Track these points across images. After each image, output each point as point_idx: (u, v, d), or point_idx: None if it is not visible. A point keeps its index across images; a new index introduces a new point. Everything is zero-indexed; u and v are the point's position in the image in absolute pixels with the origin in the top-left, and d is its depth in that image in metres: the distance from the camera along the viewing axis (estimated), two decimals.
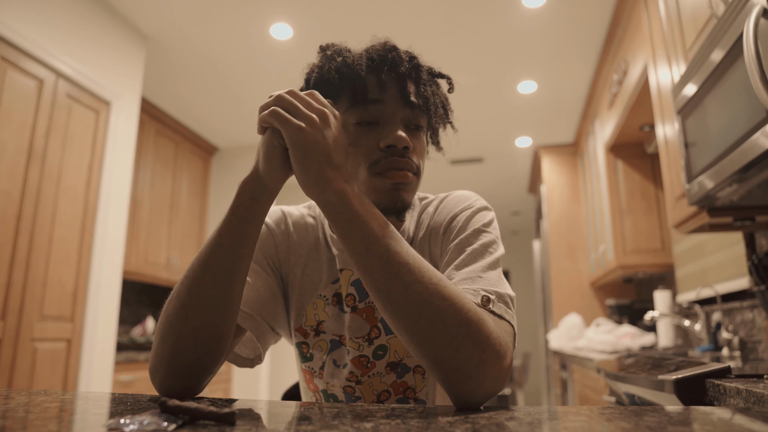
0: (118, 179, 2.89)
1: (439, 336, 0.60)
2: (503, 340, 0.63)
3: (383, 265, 0.62)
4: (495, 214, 0.84)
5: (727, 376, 1.02)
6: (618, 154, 3.43)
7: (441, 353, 0.60)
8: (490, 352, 0.60)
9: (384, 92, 0.78)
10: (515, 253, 8.78)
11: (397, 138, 0.75)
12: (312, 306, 0.87)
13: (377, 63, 0.78)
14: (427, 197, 0.91)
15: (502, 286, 0.71)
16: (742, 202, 1.55)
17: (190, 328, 0.66)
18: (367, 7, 2.85)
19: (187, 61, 3.37)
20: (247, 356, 0.85)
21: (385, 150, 0.76)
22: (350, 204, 0.64)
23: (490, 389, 0.61)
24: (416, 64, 0.81)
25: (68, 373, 2.52)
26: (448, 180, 5.75)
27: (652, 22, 2.20)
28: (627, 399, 1.61)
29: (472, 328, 0.60)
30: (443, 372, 0.60)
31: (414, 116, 0.80)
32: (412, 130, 0.80)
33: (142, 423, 0.46)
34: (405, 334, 0.62)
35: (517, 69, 3.52)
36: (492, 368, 0.60)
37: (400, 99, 0.78)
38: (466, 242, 0.77)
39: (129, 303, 3.93)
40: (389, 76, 0.78)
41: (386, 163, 0.76)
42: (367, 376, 0.84)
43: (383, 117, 0.78)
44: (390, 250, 0.62)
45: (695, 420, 0.51)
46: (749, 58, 1.10)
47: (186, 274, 0.69)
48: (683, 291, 2.71)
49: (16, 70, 2.33)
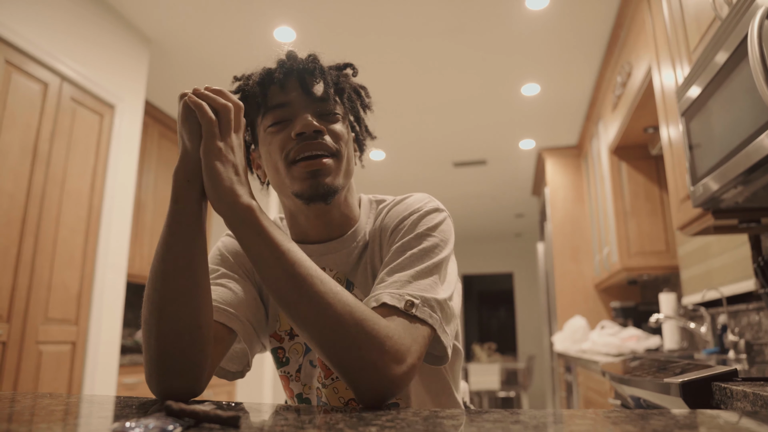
0: (122, 182, 2.90)
1: (341, 341, 0.64)
2: (402, 342, 0.66)
3: (287, 278, 0.66)
4: (447, 215, 0.84)
5: (734, 379, 1.02)
6: (622, 156, 3.42)
7: (345, 356, 0.64)
8: (387, 355, 0.64)
9: (287, 92, 0.81)
10: (519, 256, 8.77)
11: (305, 124, 0.78)
12: None
13: (275, 69, 0.82)
14: (386, 199, 0.93)
15: (432, 291, 0.73)
16: (747, 204, 1.54)
17: (168, 325, 0.67)
18: (370, 9, 2.86)
19: (191, 64, 3.38)
20: (235, 370, 0.86)
21: (296, 138, 0.79)
22: (258, 219, 0.68)
23: (386, 387, 0.64)
24: (314, 59, 0.84)
25: (73, 375, 2.53)
26: (451, 182, 5.75)
27: (655, 24, 2.20)
28: (632, 402, 1.60)
29: (367, 332, 0.64)
30: (346, 373, 0.65)
31: (325, 106, 0.82)
32: (327, 118, 0.82)
33: (148, 426, 0.46)
34: (311, 339, 0.66)
35: (521, 71, 3.52)
36: (388, 370, 0.63)
37: (305, 94, 0.81)
38: (407, 245, 0.78)
39: (133, 306, 3.94)
40: (288, 77, 0.82)
41: (299, 148, 0.79)
42: (330, 379, 0.85)
43: (293, 114, 0.81)
44: (294, 262, 0.66)
45: (702, 423, 0.50)
46: (754, 59, 1.10)
47: (150, 274, 0.70)
48: (688, 293, 2.70)
49: (21, 74, 2.35)
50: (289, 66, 0.82)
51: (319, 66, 0.84)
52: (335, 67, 0.88)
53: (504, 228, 8.10)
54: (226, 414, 0.48)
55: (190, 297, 0.68)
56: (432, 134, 4.55)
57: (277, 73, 0.81)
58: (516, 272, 8.79)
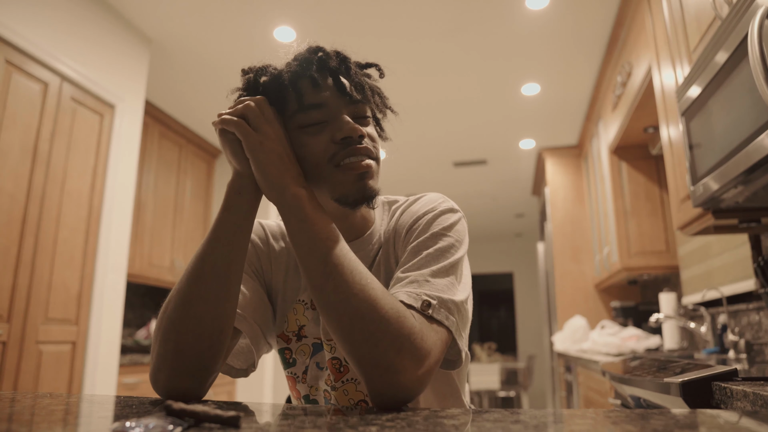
0: (122, 182, 2.90)
1: (358, 333, 0.63)
2: (425, 344, 0.64)
3: (320, 264, 0.67)
4: (462, 215, 0.84)
5: (734, 379, 1.02)
6: (622, 156, 3.42)
7: (360, 350, 0.63)
8: (407, 354, 0.63)
9: (322, 93, 0.79)
10: (519, 256, 8.76)
11: (352, 129, 0.77)
12: (293, 311, 0.88)
13: (306, 66, 0.79)
14: (398, 200, 0.92)
15: (450, 292, 0.72)
16: (747, 203, 1.54)
17: (193, 324, 0.68)
18: (370, 9, 2.86)
19: (191, 64, 3.38)
20: (240, 367, 0.86)
21: (341, 143, 0.77)
22: (303, 207, 0.70)
23: (404, 390, 0.62)
24: (344, 58, 0.82)
25: (73, 375, 2.53)
26: (451, 182, 5.75)
27: (655, 23, 2.20)
28: (633, 402, 1.60)
29: (389, 327, 0.63)
30: (362, 368, 0.64)
31: (359, 109, 0.81)
32: (361, 121, 0.81)
33: (148, 426, 0.46)
34: (332, 329, 0.66)
35: (521, 71, 3.52)
36: (407, 369, 0.62)
37: (340, 95, 0.79)
38: (423, 245, 0.77)
39: (133, 306, 3.94)
40: (322, 75, 0.79)
41: (345, 153, 0.77)
42: (341, 381, 0.84)
43: (329, 115, 0.79)
44: (329, 251, 0.68)
45: (702, 423, 0.50)
46: (754, 59, 1.10)
47: (186, 271, 0.71)
48: (688, 293, 2.70)
49: (21, 74, 2.35)
50: (320, 63, 0.79)
51: (353, 65, 0.82)
52: (361, 65, 0.87)
53: (504, 228, 8.10)
54: (227, 414, 0.48)
55: (219, 301, 0.70)
56: (432, 134, 4.55)
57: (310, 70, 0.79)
58: (516, 272, 8.79)
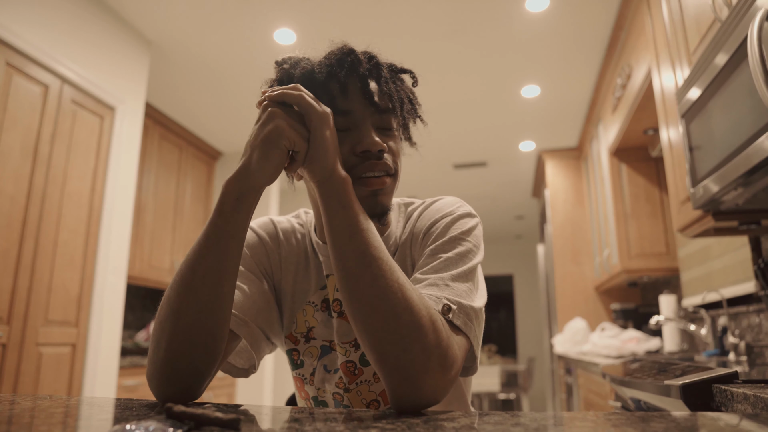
0: (122, 184, 2.90)
1: (389, 334, 0.61)
2: (452, 352, 0.64)
3: (359, 255, 0.65)
4: (479, 221, 0.83)
5: (735, 382, 1.02)
6: (622, 158, 3.42)
7: (388, 351, 0.62)
8: (435, 361, 0.61)
9: (350, 99, 0.77)
10: (519, 258, 8.76)
11: (372, 143, 0.75)
12: (302, 313, 0.87)
13: (336, 68, 0.77)
14: (414, 202, 0.91)
15: (469, 297, 0.71)
16: (747, 205, 1.54)
17: (184, 333, 0.66)
18: (371, 11, 2.86)
19: (191, 66, 3.38)
20: (241, 366, 0.85)
21: (360, 155, 0.76)
22: (348, 192, 0.69)
23: (428, 397, 0.62)
24: (376, 63, 0.80)
25: (73, 377, 2.53)
26: (451, 184, 5.75)
27: (655, 26, 2.20)
28: (633, 404, 1.60)
29: (422, 332, 0.61)
30: (386, 370, 0.62)
31: (384, 119, 0.79)
32: (385, 133, 0.80)
33: (148, 429, 0.46)
34: (360, 324, 0.64)
35: (521, 73, 3.52)
36: (433, 376, 0.61)
37: (367, 103, 0.77)
38: (441, 249, 0.76)
39: (133, 308, 3.94)
40: (351, 81, 0.77)
41: (364, 167, 0.76)
42: (355, 383, 0.83)
43: (353, 123, 0.77)
44: (369, 243, 0.66)
45: (702, 426, 0.50)
46: (753, 61, 1.10)
47: (175, 278, 0.68)
48: (689, 295, 2.69)
49: (22, 76, 2.35)
50: (350, 67, 0.77)
51: (385, 71, 0.81)
52: (394, 70, 0.84)
53: (504, 230, 8.10)
54: (227, 416, 0.48)
55: (211, 311, 0.67)
56: (432, 136, 4.55)
57: (341, 74, 0.76)
58: (516, 274, 8.79)
